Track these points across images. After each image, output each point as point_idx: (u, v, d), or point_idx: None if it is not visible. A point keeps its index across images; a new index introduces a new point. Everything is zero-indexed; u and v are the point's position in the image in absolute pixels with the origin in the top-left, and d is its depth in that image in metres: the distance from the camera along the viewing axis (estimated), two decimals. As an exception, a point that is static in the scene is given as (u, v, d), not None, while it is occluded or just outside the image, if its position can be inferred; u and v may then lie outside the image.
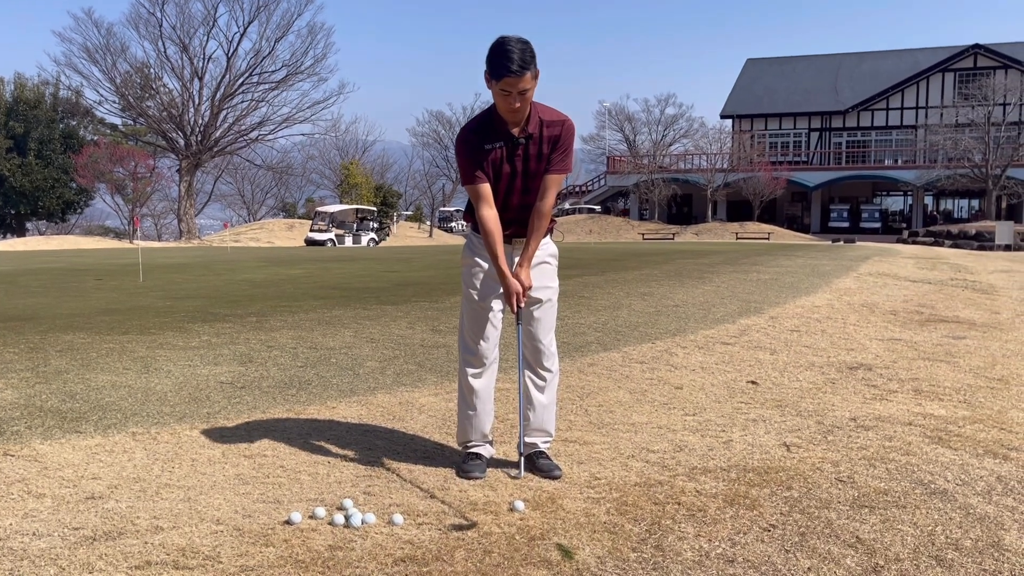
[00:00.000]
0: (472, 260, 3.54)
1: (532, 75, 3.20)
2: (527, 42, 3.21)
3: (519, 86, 3.18)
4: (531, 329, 3.54)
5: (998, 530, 3.01)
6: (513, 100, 3.22)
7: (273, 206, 74.07)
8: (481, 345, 3.51)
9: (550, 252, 3.61)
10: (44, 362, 5.50)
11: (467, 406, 3.59)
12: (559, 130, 3.39)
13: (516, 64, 3.14)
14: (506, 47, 3.16)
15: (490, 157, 3.36)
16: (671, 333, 7.20)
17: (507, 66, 3.14)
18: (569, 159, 3.45)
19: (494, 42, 3.21)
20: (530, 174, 3.41)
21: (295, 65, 51.94)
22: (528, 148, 3.37)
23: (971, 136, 44.60)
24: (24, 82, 51.60)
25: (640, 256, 19.21)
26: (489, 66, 3.21)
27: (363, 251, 28.89)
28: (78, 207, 54.92)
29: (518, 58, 3.14)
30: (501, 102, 3.26)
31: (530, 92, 3.24)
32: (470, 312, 3.53)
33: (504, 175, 3.40)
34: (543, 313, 3.55)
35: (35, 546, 2.70)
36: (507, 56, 3.15)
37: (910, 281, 13.00)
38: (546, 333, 3.56)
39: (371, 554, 2.69)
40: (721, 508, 3.15)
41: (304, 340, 6.49)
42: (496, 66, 3.17)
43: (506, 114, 3.30)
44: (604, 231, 48.97)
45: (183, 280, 12.93)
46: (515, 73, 3.15)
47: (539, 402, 3.60)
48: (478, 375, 3.55)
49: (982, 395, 5.19)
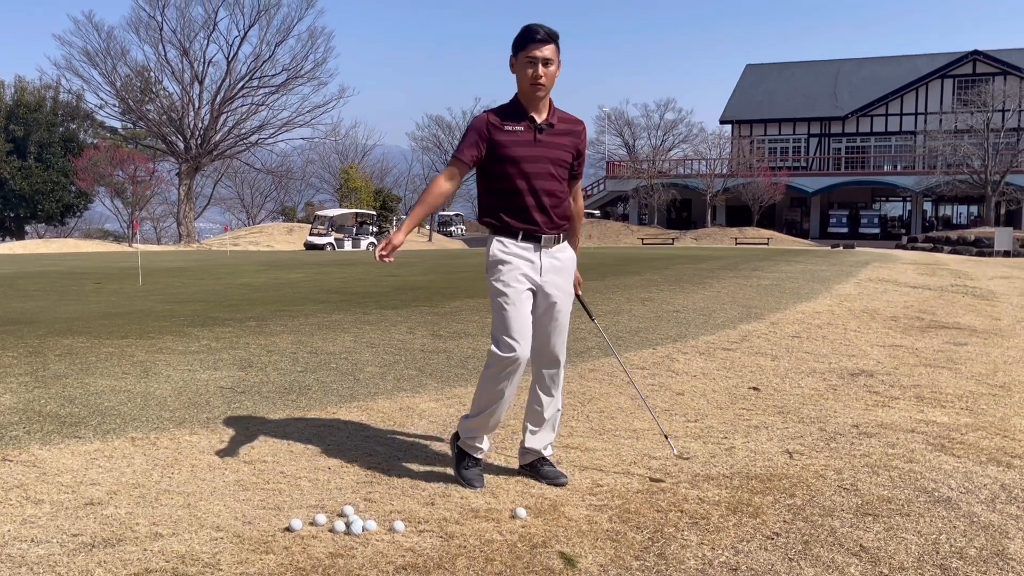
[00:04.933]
0: (501, 259, 3.42)
1: (556, 48, 3.38)
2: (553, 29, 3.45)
3: (543, 53, 3.35)
4: (549, 332, 3.48)
5: (1002, 538, 2.99)
6: (537, 69, 3.34)
7: (273, 210, 74.04)
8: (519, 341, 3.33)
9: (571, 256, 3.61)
10: (43, 366, 5.47)
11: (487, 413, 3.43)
12: (579, 128, 3.56)
13: (542, 33, 3.36)
14: (532, 25, 3.40)
15: (512, 139, 3.41)
16: (672, 339, 7.18)
17: (533, 36, 3.36)
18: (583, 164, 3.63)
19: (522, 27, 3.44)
20: (555, 161, 3.46)
21: (295, 69, 52.06)
22: (552, 137, 3.46)
23: (970, 142, 44.67)
24: (25, 85, 51.64)
25: (640, 261, 19.20)
26: (516, 43, 3.42)
27: (362, 255, 28.89)
28: (77, 210, 54.91)
29: (544, 31, 3.38)
30: (524, 75, 3.38)
31: (553, 67, 3.39)
32: (507, 307, 3.35)
33: (530, 158, 3.41)
34: (562, 318, 3.51)
35: (33, 552, 2.68)
36: (533, 29, 3.38)
37: (910, 287, 12.99)
38: (560, 334, 3.53)
39: (372, 561, 2.67)
40: (724, 516, 3.13)
41: (304, 345, 6.47)
42: (522, 37, 3.39)
43: (528, 90, 3.38)
44: (603, 236, 48.98)
45: (182, 284, 12.91)
46: (540, 40, 3.35)
47: (549, 414, 3.57)
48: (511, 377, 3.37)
49: (984, 402, 5.17)
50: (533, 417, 3.58)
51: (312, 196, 71.68)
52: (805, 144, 54.85)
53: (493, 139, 3.40)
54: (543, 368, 3.55)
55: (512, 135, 3.40)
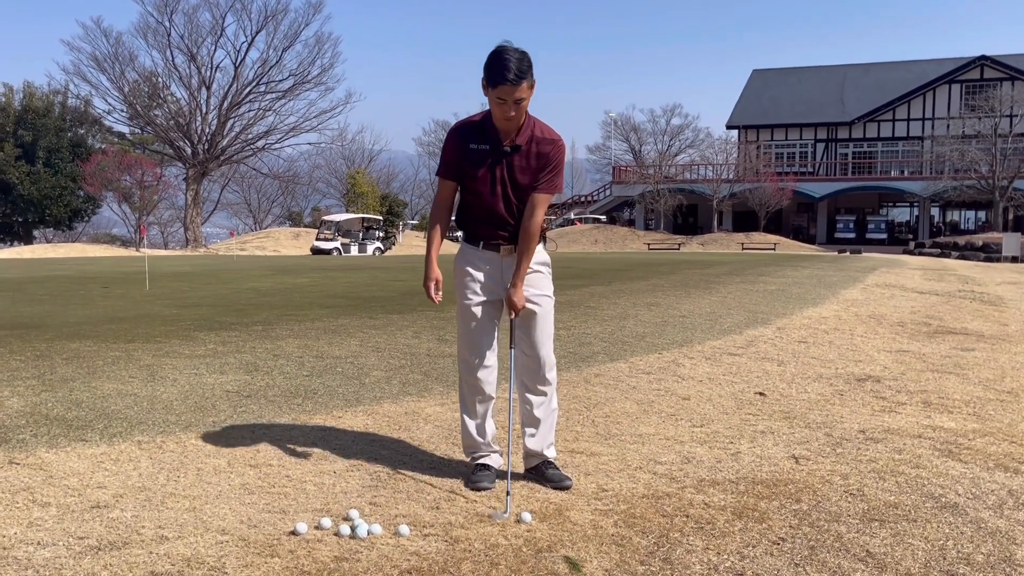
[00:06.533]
0: (462, 269, 3.56)
1: (528, 85, 3.24)
2: (524, 52, 3.25)
3: (515, 95, 3.22)
4: (530, 339, 3.53)
5: (1010, 545, 2.98)
6: (508, 109, 3.25)
7: (279, 215, 74.22)
8: (477, 351, 3.52)
9: (540, 260, 3.58)
10: (50, 370, 5.49)
11: (470, 415, 3.60)
12: (549, 148, 3.41)
13: (512, 73, 3.18)
14: (503, 56, 3.20)
15: (474, 157, 3.40)
16: (678, 344, 7.17)
17: (503, 74, 3.18)
18: (559, 180, 3.47)
19: (492, 51, 3.24)
20: (517, 186, 3.42)
21: (302, 75, 52.13)
22: (513, 159, 3.39)
23: (978, 147, 44.53)
24: (33, 91, 51.83)
25: (646, 266, 19.19)
26: (486, 74, 3.24)
27: (369, 260, 28.92)
28: (85, 215, 55.07)
29: (515, 67, 3.18)
30: (496, 110, 3.30)
31: (525, 102, 3.28)
32: (463, 318, 3.54)
33: (487, 180, 3.41)
34: (540, 322, 3.53)
35: (40, 555, 2.69)
36: (504, 65, 3.18)
37: (917, 292, 12.95)
38: (544, 343, 3.55)
39: (377, 565, 2.67)
40: (730, 521, 3.12)
41: (310, 349, 6.48)
42: (493, 74, 3.21)
43: (499, 122, 3.34)
44: (609, 241, 48.95)
45: (189, 288, 12.95)
46: (511, 82, 3.19)
47: (543, 414, 3.59)
48: (477, 383, 3.54)
49: (992, 408, 5.15)
50: (527, 419, 3.62)
51: (319, 201, 71.85)
52: (812, 149, 54.74)
53: (459, 155, 3.42)
54: (533, 377, 3.58)
55: (475, 152, 3.40)
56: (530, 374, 3.57)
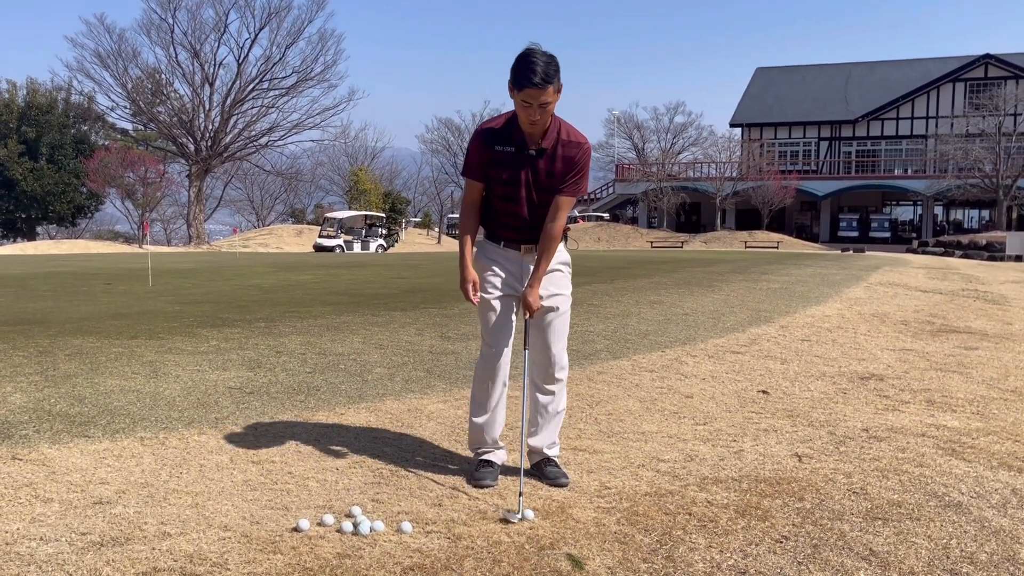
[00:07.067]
0: (483, 263, 3.58)
1: (554, 89, 3.23)
2: (552, 56, 3.25)
3: (540, 98, 3.22)
4: (544, 338, 3.54)
5: (1013, 543, 2.97)
6: (533, 112, 3.25)
7: (282, 212, 74.25)
8: (496, 343, 3.51)
9: (561, 260, 3.60)
10: (53, 366, 5.50)
11: (480, 409, 3.59)
12: (575, 152, 3.40)
13: (539, 76, 3.17)
14: (531, 59, 3.20)
15: (499, 159, 3.41)
16: (681, 342, 7.17)
17: (530, 77, 3.18)
18: (584, 183, 3.47)
19: (520, 53, 3.24)
20: (541, 187, 3.42)
21: (305, 71, 52.17)
22: (538, 163, 3.39)
23: (981, 146, 44.45)
24: (37, 87, 51.89)
25: (649, 264, 19.17)
26: (513, 76, 3.24)
27: (372, 257, 28.93)
28: (88, 212, 55.16)
29: (541, 71, 3.18)
30: (521, 112, 3.29)
31: (551, 106, 3.27)
32: (484, 311, 3.54)
33: (511, 182, 3.42)
34: (556, 321, 3.54)
35: (42, 551, 2.69)
36: (531, 68, 3.18)
37: (921, 291, 12.93)
38: (557, 342, 3.56)
39: (379, 562, 2.66)
40: (732, 519, 3.12)
41: (313, 346, 6.48)
42: (519, 76, 3.21)
43: (525, 125, 3.33)
44: (612, 239, 48.94)
45: (192, 285, 12.96)
46: (537, 85, 3.19)
47: (550, 413, 3.60)
48: (495, 374, 3.53)
49: (995, 406, 5.14)
50: (534, 416, 3.62)
51: (322, 198, 71.89)
52: (815, 148, 54.67)
53: (484, 156, 3.43)
54: (544, 374, 3.59)
55: (499, 154, 3.40)
56: (541, 372, 3.58)
